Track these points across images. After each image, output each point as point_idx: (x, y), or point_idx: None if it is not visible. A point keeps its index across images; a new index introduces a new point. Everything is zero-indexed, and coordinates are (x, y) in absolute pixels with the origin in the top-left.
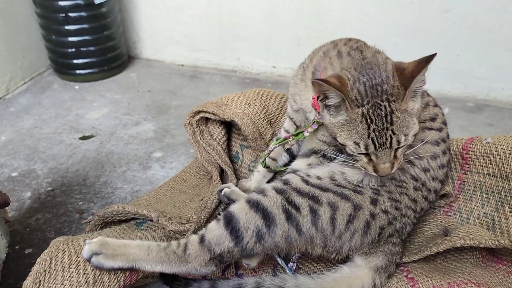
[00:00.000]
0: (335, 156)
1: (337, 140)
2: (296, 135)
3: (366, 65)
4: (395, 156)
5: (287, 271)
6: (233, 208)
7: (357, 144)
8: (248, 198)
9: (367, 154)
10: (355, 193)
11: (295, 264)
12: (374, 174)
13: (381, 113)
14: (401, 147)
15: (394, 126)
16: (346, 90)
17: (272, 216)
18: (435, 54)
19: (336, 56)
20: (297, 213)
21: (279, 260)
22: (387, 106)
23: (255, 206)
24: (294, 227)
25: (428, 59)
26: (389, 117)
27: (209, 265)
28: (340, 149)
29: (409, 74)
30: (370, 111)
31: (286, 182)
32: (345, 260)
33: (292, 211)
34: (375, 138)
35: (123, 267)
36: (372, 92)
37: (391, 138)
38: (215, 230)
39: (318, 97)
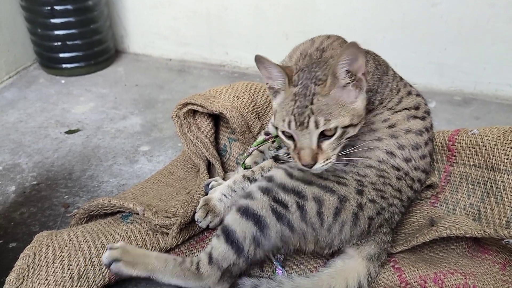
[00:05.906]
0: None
1: (274, 124)
2: (275, 136)
3: (315, 63)
4: (320, 148)
5: (274, 263)
6: (228, 220)
7: (283, 121)
8: (238, 206)
9: (291, 138)
10: (339, 185)
11: (282, 256)
12: (300, 165)
13: (306, 92)
14: (326, 138)
15: (313, 106)
16: (290, 73)
17: (263, 220)
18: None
19: (300, 56)
20: (286, 211)
21: None
22: (312, 87)
23: (246, 213)
24: (286, 225)
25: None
26: (311, 97)
27: (221, 283)
28: None
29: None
30: (300, 90)
31: (270, 179)
32: (337, 253)
33: (281, 210)
34: (296, 115)
35: (141, 276)
36: (307, 76)
37: (309, 117)
38: (219, 247)
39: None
